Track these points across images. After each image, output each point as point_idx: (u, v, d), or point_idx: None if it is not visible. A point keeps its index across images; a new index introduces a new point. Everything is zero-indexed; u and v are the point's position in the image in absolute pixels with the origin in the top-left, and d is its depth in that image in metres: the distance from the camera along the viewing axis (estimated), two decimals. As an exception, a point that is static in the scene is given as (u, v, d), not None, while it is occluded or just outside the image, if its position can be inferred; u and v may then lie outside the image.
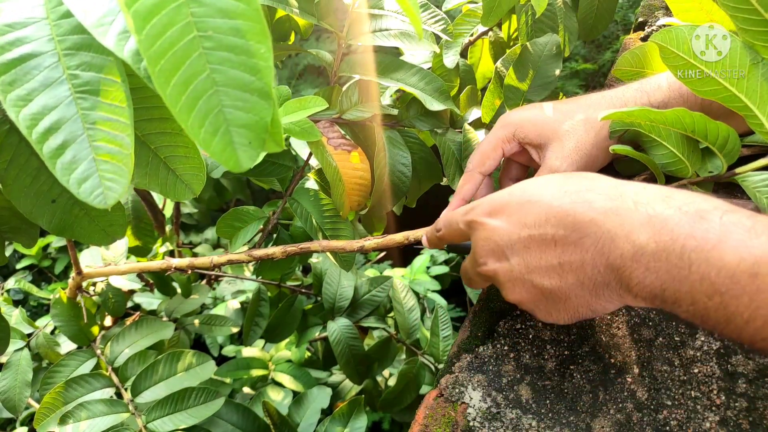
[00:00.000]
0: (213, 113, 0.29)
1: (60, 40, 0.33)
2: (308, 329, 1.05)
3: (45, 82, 0.32)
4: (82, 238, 0.49)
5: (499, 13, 0.66)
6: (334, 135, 0.66)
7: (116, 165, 0.32)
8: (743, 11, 0.42)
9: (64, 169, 0.32)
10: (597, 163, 0.56)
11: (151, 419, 0.65)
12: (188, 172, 0.45)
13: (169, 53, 0.28)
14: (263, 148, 0.31)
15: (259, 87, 0.29)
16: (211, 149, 0.29)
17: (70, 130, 0.32)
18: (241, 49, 0.29)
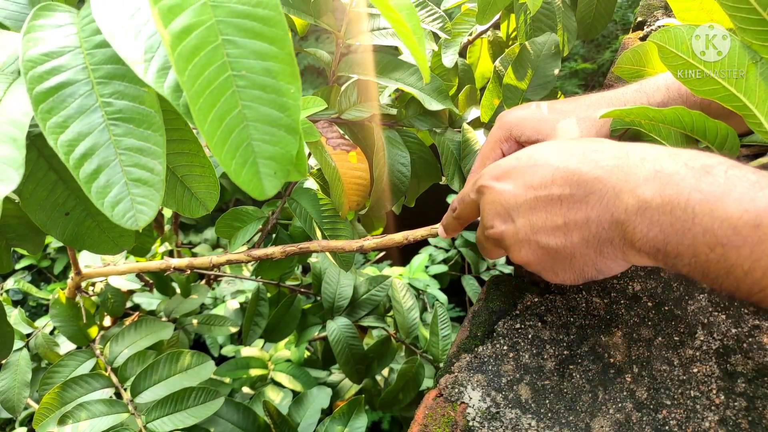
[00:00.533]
0: (243, 146, 0.31)
1: (93, 69, 0.35)
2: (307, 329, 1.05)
3: (80, 109, 0.34)
4: (93, 249, 0.50)
5: (494, 11, 0.66)
6: (333, 135, 0.66)
7: (147, 189, 0.34)
8: (742, 10, 0.42)
9: (99, 193, 0.33)
10: None
11: (150, 419, 0.65)
12: (203, 190, 0.47)
13: (207, 92, 0.30)
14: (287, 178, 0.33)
15: (287, 123, 0.31)
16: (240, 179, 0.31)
17: (103, 156, 0.34)
18: (272, 89, 0.31)
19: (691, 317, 0.52)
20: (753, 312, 0.51)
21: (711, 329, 0.50)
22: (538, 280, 0.57)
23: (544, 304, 0.54)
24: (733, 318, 0.51)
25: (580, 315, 0.53)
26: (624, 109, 0.47)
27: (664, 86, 0.54)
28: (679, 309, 0.52)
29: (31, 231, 0.57)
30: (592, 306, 0.54)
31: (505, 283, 0.57)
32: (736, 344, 0.49)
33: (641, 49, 0.60)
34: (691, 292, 0.53)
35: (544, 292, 0.56)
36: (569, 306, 0.54)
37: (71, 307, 0.81)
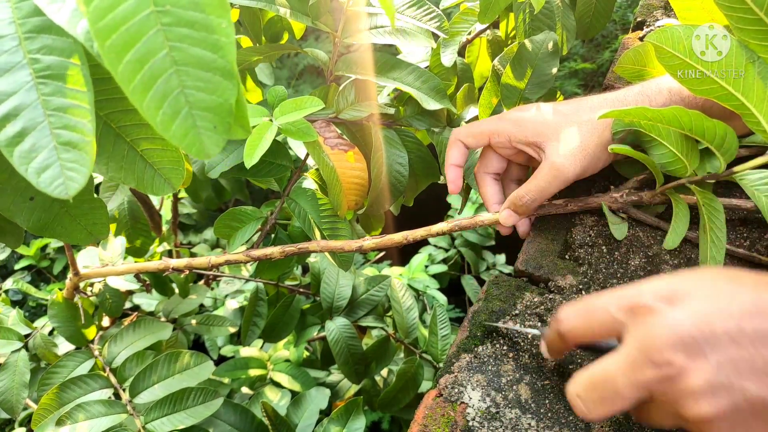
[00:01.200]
0: (173, 94, 0.27)
1: (21, 23, 0.31)
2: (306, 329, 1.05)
3: (4, 66, 0.31)
4: (64, 238, 0.47)
5: (496, 10, 0.66)
6: (331, 135, 0.66)
7: (78, 153, 0.31)
8: (738, 10, 0.41)
9: (23, 158, 0.30)
10: (599, 164, 0.56)
11: (149, 420, 0.65)
12: (166, 165, 0.42)
13: (122, 28, 0.26)
14: (229, 134, 0.29)
15: (222, 65, 0.28)
16: (171, 134, 0.28)
17: (29, 117, 0.30)
18: (202, 25, 0.27)
19: (691, 317, 0.51)
20: (753, 311, 0.51)
21: (711, 329, 0.50)
22: (538, 280, 0.57)
23: (544, 304, 0.54)
24: (732, 317, 0.51)
25: (580, 315, 0.53)
26: (623, 110, 0.47)
27: (667, 89, 0.54)
28: (679, 309, 0.52)
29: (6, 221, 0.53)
30: (591, 306, 0.53)
31: (505, 283, 0.57)
32: None
33: (643, 49, 0.60)
34: (691, 292, 0.53)
35: (544, 292, 0.56)
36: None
37: (70, 308, 0.81)
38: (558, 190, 0.56)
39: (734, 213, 0.58)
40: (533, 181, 0.57)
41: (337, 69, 0.66)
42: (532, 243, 0.60)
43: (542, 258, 0.58)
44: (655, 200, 0.56)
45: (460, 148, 0.62)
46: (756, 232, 0.56)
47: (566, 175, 0.55)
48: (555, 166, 0.55)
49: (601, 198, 0.58)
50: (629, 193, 0.58)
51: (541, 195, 0.56)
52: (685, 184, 0.53)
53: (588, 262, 0.57)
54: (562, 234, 0.61)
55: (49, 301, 0.80)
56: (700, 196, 0.51)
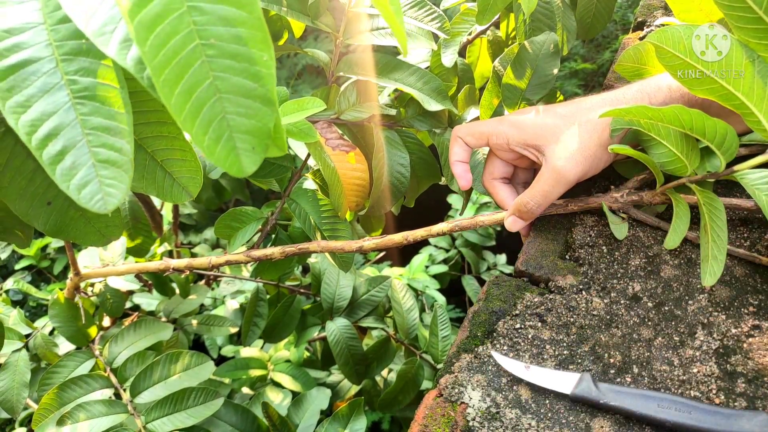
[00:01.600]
0: (216, 120, 0.29)
1: (58, 46, 0.33)
2: (307, 329, 1.05)
3: (43, 88, 0.32)
4: (78, 240, 0.49)
5: (494, 11, 0.66)
6: (332, 135, 0.66)
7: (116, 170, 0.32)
8: (737, 9, 0.41)
9: (64, 175, 0.32)
10: (600, 164, 0.56)
11: (150, 419, 0.65)
12: (185, 175, 0.45)
13: (173, 62, 0.28)
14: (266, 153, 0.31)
15: (262, 93, 0.29)
16: (215, 156, 0.29)
17: (69, 136, 0.32)
18: (244, 57, 0.29)
19: (691, 317, 0.51)
20: (753, 312, 0.51)
21: (711, 329, 0.50)
22: (539, 280, 0.57)
23: (544, 304, 0.54)
24: (733, 318, 0.51)
25: (580, 315, 0.53)
26: (622, 109, 0.47)
27: (666, 87, 0.54)
28: (679, 309, 0.52)
29: (17, 223, 0.55)
30: (591, 306, 0.53)
31: (505, 283, 0.57)
32: (736, 344, 0.49)
33: (643, 48, 0.60)
34: (691, 292, 0.53)
35: (544, 293, 0.56)
36: (569, 306, 0.54)
37: (70, 308, 0.81)
38: (561, 193, 0.56)
39: (735, 213, 0.58)
40: (536, 186, 0.56)
41: (338, 70, 0.66)
42: (533, 243, 0.60)
43: (543, 258, 0.58)
44: (656, 200, 0.56)
45: (462, 145, 0.62)
46: (756, 231, 0.56)
47: (568, 178, 0.55)
48: (556, 170, 0.55)
49: (602, 198, 0.58)
50: (629, 193, 0.58)
51: (545, 200, 0.56)
52: (685, 183, 0.53)
53: (588, 262, 0.57)
54: (563, 234, 0.61)
55: (49, 301, 0.80)
56: (700, 196, 0.51)
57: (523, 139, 0.58)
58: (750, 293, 0.52)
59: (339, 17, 0.64)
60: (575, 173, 0.55)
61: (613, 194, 0.58)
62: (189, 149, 0.44)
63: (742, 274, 0.54)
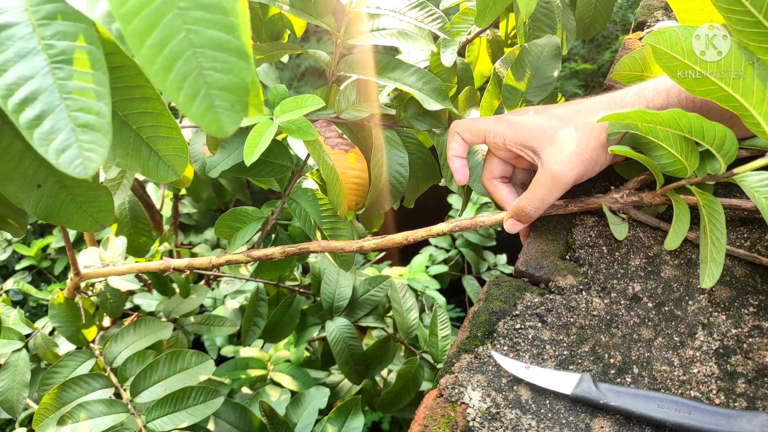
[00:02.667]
0: (192, 75, 0.28)
1: (34, 10, 0.32)
2: (307, 329, 1.05)
3: (20, 52, 0.32)
4: (70, 224, 0.48)
5: (494, 14, 0.66)
6: (332, 134, 0.66)
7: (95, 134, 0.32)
8: (736, 12, 0.41)
9: (42, 140, 0.31)
10: (597, 167, 0.56)
11: (150, 419, 0.65)
12: (170, 153, 0.44)
13: (143, 12, 0.27)
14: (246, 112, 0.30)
15: (237, 46, 0.29)
16: (192, 113, 0.29)
17: (47, 101, 0.32)
18: (216, 8, 0.28)
19: (691, 317, 0.51)
20: (753, 312, 0.51)
21: (711, 329, 0.50)
22: (539, 281, 0.57)
23: (544, 304, 0.54)
24: (733, 318, 0.51)
25: (580, 315, 0.53)
26: (621, 113, 0.47)
27: (664, 90, 0.54)
28: (679, 309, 0.52)
29: (10, 210, 0.55)
30: (592, 306, 0.53)
31: (505, 284, 0.57)
32: (736, 344, 0.49)
33: (639, 55, 0.60)
34: (691, 292, 0.53)
35: (544, 293, 0.56)
36: (569, 306, 0.54)
37: (70, 308, 0.81)
38: (559, 196, 0.56)
39: (734, 213, 0.58)
40: (533, 190, 0.56)
41: (338, 70, 0.66)
42: (533, 243, 0.60)
43: (543, 258, 0.58)
44: (656, 201, 0.56)
45: (459, 140, 0.62)
46: (756, 232, 0.56)
47: (564, 181, 0.55)
48: (553, 173, 0.55)
49: (602, 198, 0.58)
50: (630, 194, 0.58)
51: (543, 203, 0.56)
52: (685, 185, 0.53)
53: (588, 262, 0.57)
54: (563, 234, 0.61)
55: (50, 301, 0.80)
56: (700, 198, 0.51)
57: (519, 140, 0.57)
58: (750, 293, 0.52)
59: (340, 17, 0.65)
60: (572, 176, 0.55)
61: (613, 195, 0.58)
62: (174, 126, 0.43)
63: (742, 274, 0.54)
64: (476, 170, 0.68)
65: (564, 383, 0.47)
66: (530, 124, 0.57)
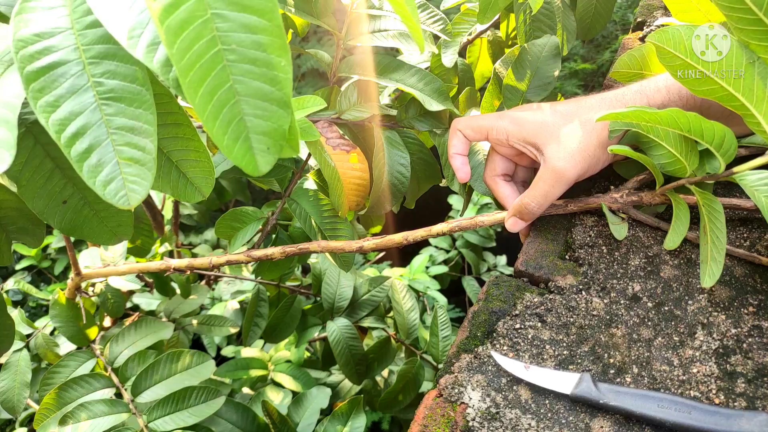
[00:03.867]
0: (235, 121, 0.31)
1: (85, 50, 0.35)
2: (307, 329, 1.05)
3: (71, 89, 0.34)
4: (91, 238, 0.51)
5: (495, 11, 0.66)
6: (333, 135, 0.66)
7: (139, 168, 0.35)
8: (737, 10, 0.42)
9: (90, 172, 0.34)
10: (599, 164, 0.56)
11: (152, 419, 0.65)
12: (198, 175, 0.47)
13: (197, 66, 0.29)
14: (280, 154, 0.33)
15: (279, 97, 0.31)
16: (233, 155, 0.31)
17: (95, 135, 0.34)
18: (263, 62, 0.30)
19: (691, 317, 0.52)
20: (753, 312, 0.51)
21: (711, 329, 0.50)
22: (539, 281, 0.58)
23: (544, 304, 0.54)
24: (733, 318, 0.51)
25: (580, 315, 0.53)
26: (620, 112, 0.47)
27: (665, 88, 0.54)
28: (679, 309, 0.52)
29: (31, 222, 0.58)
30: (591, 306, 0.54)
31: (505, 284, 0.57)
32: (736, 344, 0.49)
33: (638, 53, 0.60)
34: (691, 292, 0.53)
35: (544, 293, 0.56)
36: (569, 306, 0.54)
37: (71, 308, 0.81)
38: (561, 193, 0.56)
39: (734, 213, 0.58)
40: (536, 186, 0.57)
41: (340, 70, 0.67)
42: (532, 243, 0.60)
43: (542, 258, 0.58)
44: (655, 200, 0.57)
45: (461, 138, 0.62)
46: (756, 232, 0.56)
47: (567, 177, 0.55)
48: (556, 170, 0.55)
49: (601, 198, 0.58)
50: (629, 194, 0.58)
51: (546, 200, 0.57)
52: (684, 184, 0.53)
53: (588, 262, 0.57)
54: (563, 234, 0.61)
55: (50, 301, 0.80)
56: (700, 197, 0.51)
57: (522, 136, 0.58)
58: (750, 293, 0.52)
59: (341, 18, 0.65)
60: (574, 173, 0.55)
61: (612, 194, 0.58)
62: (203, 150, 0.46)
63: (742, 274, 0.54)
64: (478, 170, 0.68)
65: (564, 383, 0.47)
66: (533, 121, 0.57)
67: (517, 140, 0.58)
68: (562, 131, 0.55)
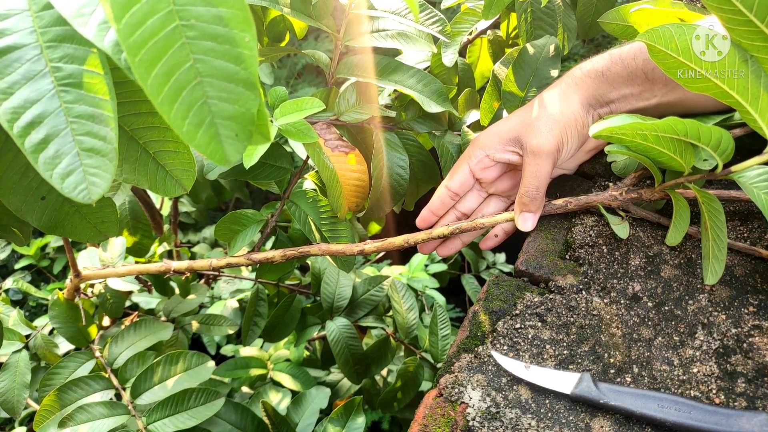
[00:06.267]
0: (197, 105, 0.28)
1: (42, 32, 0.32)
2: (307, 328, 1.05)
3: (27, 75, 0.32)
4: (74, 236, 0.48)
5: (500, 6, 0.66)
6: (332, 137, 0.66)
7: (100, 159, 0.32)
8: (728, 11, 0.42)
9: (47, 164, 0.31)
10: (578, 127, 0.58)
11: (151, 421, 0.65)
12: (178, 167, 0.44)
13: (150, 43, 0.27)
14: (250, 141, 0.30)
15: (245, 77, 0.29)
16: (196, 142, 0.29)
17: (52, 124, 0.31)
18: (225, 38, 0.28)
19: (691, 317, 0.52)
20: (753, 312, 0.51)
21: (711, 329, 0.50)
22: (539, 280, 0.58)
23: (544, 304, 0.54)
24: (733, 318, 0.51)
25: (580, 315, 0.53)
26: (614, 126, 0.47)
27: (608, 55, 0.60)
28: (679, 309, 0.52)
29: (14, 220, 0.55)
30: (591, 305, 0.54)
31: (505, 283, 0.57)
32: (736, 344, 0.49)
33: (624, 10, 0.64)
34: (691, 292, 0.53)
35: (544, 292, 0.56)
36: (569, 306, 0.54)
37: (70, 309, 0.81)
38: (550, 168, 0.57)
39: (735, 212, 0.58)
40: (524, 173, 0.58)
41: (338, 71, 0.66)
42: (533, 243, 0.60)
43: (543, 258, 0.58)
44: (655, 197, 0.56)
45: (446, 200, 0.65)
46: (756, 231, 0.56)
47: (546, 149, 0.56)
48: (532, 148, 0.57)
49: (601, 196, 0.58)
50: (629, 191, 0.58)
51: (540, 180, 0.57)
52: (683, 182, 0.53)
53: (588, 262, 0.57)
54: (563, 234, 0.61)
55: (50, 301, 0.80)
56: (699, 195, 0.51)
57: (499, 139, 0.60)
58: (750, 293, 0.52)
59: (339, 19, 0.65)
60: (551, 142, 0.56)
61: (612, 192, 0.58)
62: (182, 141, 0.43)
63: (742, 274, 0.54)
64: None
65: (564, 383, 0.47)
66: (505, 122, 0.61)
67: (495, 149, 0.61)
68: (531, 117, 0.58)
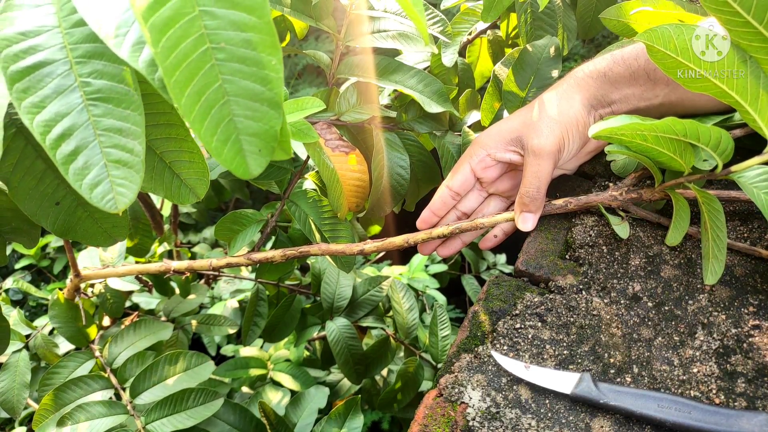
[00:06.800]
0: (224, 122, 0.30)
1: (72, 48, 0.34)
2: (307, 329, 1.05)
3: (57, 89, 0.33)
4: (85, 240, 0.50)
5: (500, 9, 0.66)
6: (332, 137, 0.66)
7: (127, 170, 0.34)
8: (726, 12, 0.42)
9: (77, 175, 0.33)
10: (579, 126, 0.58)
11: (150, 420, 0.65)
12: (192, 176, 0.46)
13: (183, 65, 0.28)
14: (272, 156, 0.32)
15: (270, 97, 0.30)
16: (222, 157, 0.30)
17: (81, 137, 0.33)
18: (253, 61, 0.29)
19: (691, 317, 0.52)
20: (753, 312, 0.51)
21: (711, 329, 0.50)
22: (539, 280, 0.57)
23: (544, 304, 0.54)
24: (733, 318, 0.51)
25: (580, 315, 0.53)
26: (614, 127, 0.47)
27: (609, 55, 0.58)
28: (679, 309, 0.52)
29: (25, 223, 0.57)
30: (591, 306, 0.54)
31: (505, 283, 0.57)
32: (736, 344, 0.49)
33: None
34: (691, 292, 0.53)
35: (544, 292, 0.56)
36: (569, 306, 0.54)
37: (70, 309, 0.81)
38: (551, 168, 0.57)
39: (735, 212, 0.58)
40: (525, 173, 0.58)
41: (339, 72, 0.66)
42: (533, 243, 0.60)
43: (543, 258, 0.58)
44: (655, 197, 0.56)
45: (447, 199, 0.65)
46: (756, 232, 0.56)
47: (547, 149, 0.56)
48: (533, 149, 0.57)
49: (601, 196, 0.58)
50: (629, 191, 0.58)
51: (540, 180, 0.57)
52: (683, 183, 0.53)
53: (588, 262, 0.57)
54: (563, 234, 0.61)
55: (50, 301, 0.80)
56: (699, 195, 0.51)
57: (500, 139, 0.60)
58: (750, 293, 0.52)
59: (340, 19, 0.65)
60: (552, 143, 0.56)
61: (612, 192, 0.58)
62: (197, 151, 0.45)
63: (742, 274, 0.54)
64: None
65: (564, 383, 0.47)
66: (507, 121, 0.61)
67: (497, 149, 0.60)
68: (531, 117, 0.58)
